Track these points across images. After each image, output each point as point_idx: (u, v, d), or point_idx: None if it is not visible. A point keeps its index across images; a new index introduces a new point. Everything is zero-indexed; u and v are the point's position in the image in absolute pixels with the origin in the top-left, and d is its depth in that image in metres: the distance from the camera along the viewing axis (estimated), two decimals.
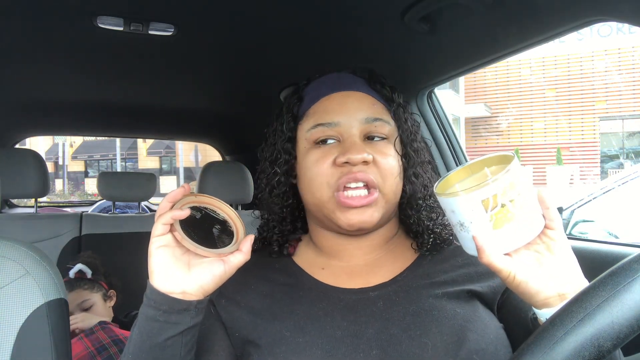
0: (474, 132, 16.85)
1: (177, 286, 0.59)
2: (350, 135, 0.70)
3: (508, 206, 0.53)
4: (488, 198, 0.53)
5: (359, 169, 0.68)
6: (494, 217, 0.54)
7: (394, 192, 0.71)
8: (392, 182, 0.71)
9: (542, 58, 15.27)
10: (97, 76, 1.70)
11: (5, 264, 0.91)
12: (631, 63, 14.51)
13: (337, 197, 0.69)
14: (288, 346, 0.64)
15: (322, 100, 0.74)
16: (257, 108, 2.11)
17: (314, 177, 0.70)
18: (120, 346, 1.56)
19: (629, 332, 0.41)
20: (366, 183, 0.68)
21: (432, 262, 0.73)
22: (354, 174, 0.67)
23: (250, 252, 0.62)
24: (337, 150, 0.70)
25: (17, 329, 0.88)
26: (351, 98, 0.74)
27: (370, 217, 0.69)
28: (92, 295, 1.80)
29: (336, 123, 0.71)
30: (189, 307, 0.59)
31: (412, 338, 0.63)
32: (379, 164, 0.69)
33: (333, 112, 0.72)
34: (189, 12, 1.14)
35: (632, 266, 0.43)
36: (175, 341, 0.59)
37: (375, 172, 0.69)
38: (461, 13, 0.98)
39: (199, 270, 0.60)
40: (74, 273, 1.82)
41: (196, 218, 0.61)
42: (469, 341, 0.62)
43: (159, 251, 0.59)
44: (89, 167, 23.30)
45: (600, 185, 2.88)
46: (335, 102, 0.73)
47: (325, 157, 0.70)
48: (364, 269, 0.74)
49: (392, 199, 0.71)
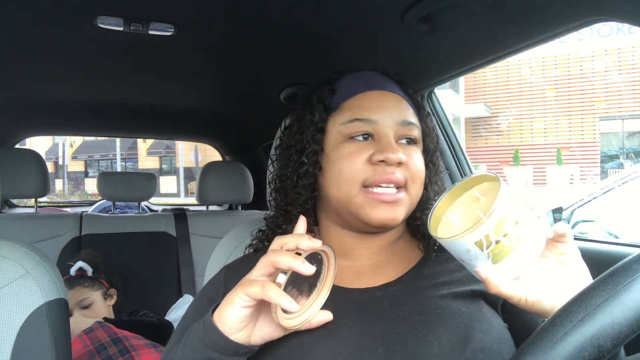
0: (474, 132, 16.85)
1: (243, 336, 0.59)
2: (386, 135, 0.71)
3: (503, 241, 0.52)
4: (481, 239, 0.52)
5: (392, 169, 0.68)
6: (491, 254, 0.53)
7: (417, 194, 0.73)
8: (419, 185, 0.72)
9: (542, 58, 15.27)
10: (97, 76, 1.70)
11: (5, 264, 0.91)
12: (631, 63, 14.51)
13: (365, 193, 0.69)
14: (293, 346, 0.64)
15: (359, 96, 0.74)
16: (257, 108, 2.11)
17: (344, 171, 0.70)
18: (119, 345, 1.56)
19: (629, 332, 0.41)
20: (397, 184, 0.69)
21: (437, 263, 0.73)
22: (388, 175, 0.68)
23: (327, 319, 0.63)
24: (372, 147, 0.70)
25: (17, 329, 0.88)
26: (388, 98, 0.74)
27: (398, 214, 0.70)
28: (92, 294, 1.80)
29: (373, 121, 0.71)
30: (250, 351, 0.60)
31: (418, 337, 0.63)
32: (410, 166, 0.70)
33: (370, 109, 0.72)
34: (189, 12, 1.14)
35: (632, 266, 0.43)
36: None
37: (406, 174, 0.70)
38: (461, 13, 0.98)
39: (265, 325, 0.61)
40: (75, 271, 1.82)
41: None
42: (474, 340, 0.63)
43: (243, 308, 0.57)
44: (89, 167, 23.29)
45: (600, 185, 2.88)
46: (373, 99, 0.73)
47: (360, 153, 0.70)
48: (370, 269, 0.74)
49: (415, 201, 0.73)
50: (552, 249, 0.57)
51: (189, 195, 17.69)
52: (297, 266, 0.55)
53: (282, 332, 0.62)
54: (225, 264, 0.83)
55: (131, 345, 1.54)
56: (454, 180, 1.54)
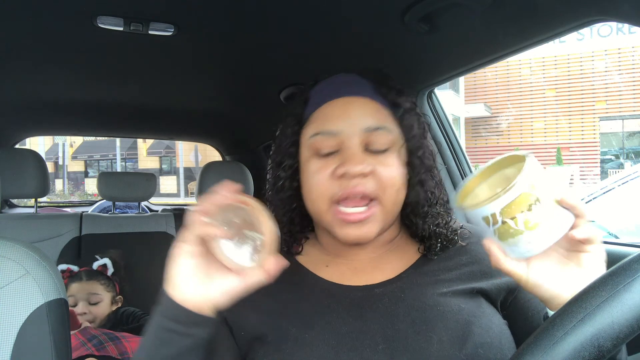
0: (474, 132, 16.85)
1: (195, 299, 0.56)
2: (350, 146, 0.68)
3: (509, 223, 0.52)
4: (487, 216, 0.53)
5: (357, 182, 0.66)
6: (497, 232, 0.54)
7: (393, 202, 0.69)
8: (393, 192, 0.69)
9: (542, 58, 15.28)
10: (97, 76, 1.70)
11: (5, 264, 0.91)
12: (631, 63, 14.51)
13: (334, 211, 0.67)
14: (295, 342, 0.64)
15: (325, 106, 0.72)
16: (257, 108, 2.11)
17: (313, 188, 0.69)
18: (109, 335, 1.59)
19: (629, 332, 0.41)
20: (365, 195, 0.66)
21: (437, 260, 0.73)
22: (350, 189, 0.66)
23: (272, 275, 0.58)
24: (336, 161, 0.68)
25: (17, 329, 0.88)
26: (354, 104, 0.71)
27: (368, 231, 0.68)
28: (104, 293, 1.82)
29: (336, 132, 0.68)
30: (205, 322, 0.57)
31: (418, 332, 0.63)
32: (378, 175, 0.67)
33: (334, 119, 0.69)
34: (189, 12, 1.14)
35: (632, 266, 0.43)
36: (189, 350, 0.57)
37: (375, 183, 0.67)
38: (461, 13, 0.98)
39: (217, 284, 0.57)
40: (98, 265, 1.84)
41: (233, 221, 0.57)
42: (474, 335, 0.63)
43: (181, 258, 0.56)
44: (89, 167, 23.30)
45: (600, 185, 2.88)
46: (337, 108, 0.71)
47: (324, 168, 0.68)
48: (369, 266, 0.74)
49: (391, 209, 0.70)
50: (573, 243, 0.55)
51: (189, 195, 17.70)
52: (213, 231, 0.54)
53: (242, 283, 0.57)
54: None
55: (121, 335, 1.61)
56: (454, 180, 1.54)
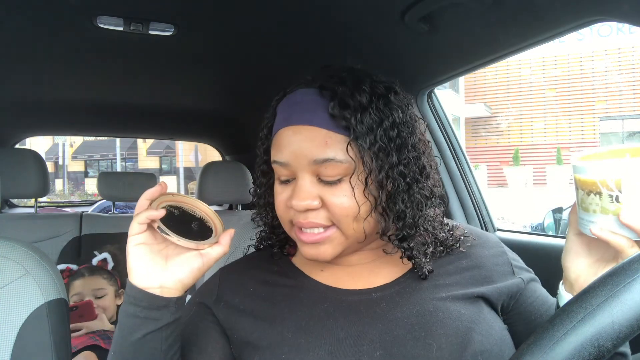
0: (474, 132, 16.86)
1: (156, 281, 0.60)
2: (299, 178, 0.65)
3: (606, 195, 0.56)
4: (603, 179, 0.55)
5: (305, 216, 0.65)
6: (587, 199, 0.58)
7: (354, 229, 0.66)
8: (349, 222, 0.65)
9: (542, 58, 15.28)
10: (97, 76, 1.70)
11: (5, 264, 0.91)
12: (631, 63, 14.51)
13: (296, 231, 0.68)
14: (290, 347, 0.63)
15: (278, 133, 0.69)
16: (257, 108, 2.10)
17: (277, 209, 0.70)
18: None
19: (629, 332, 0.41)
20: (318, 225, 0.66)
21: (436, 265, 0.71)
22: (302, 221, 0.66)
23: (229, 246, 0.64)
24: (289, 189, 0.68)
25: (17, 329, 0.88)
26: (302, 134, 0.65)
27: (324, 252, 0.67)
28: (108, 287, 1.83)
29: (286, 163, 0.66)
30: (168, 304, 0.60)
31: (417, 339, 0.62)
32: (330, 206, 0.64)
33: (284, 150, 0.67)
34: (189, 12, 1.14)
35: (632, 266, 0.43)
36: (155, 336, 0.60)
37: (326, 215, 0.65)
38: (461, 13, 0.98)
39: (176, 265, 0.62)
40: (98, 261, 1.85)
41: (174, 215, 0.63)
42: (474, 342, 0.62)
43: (137, 249, 0.60)
44: (89, 167, 23.29)
45: None
46: (287, 137, 0.66)
47: (282, 195, 0.68)
48: (365, 270, 0.73)
49: (353, 235, 0.66)
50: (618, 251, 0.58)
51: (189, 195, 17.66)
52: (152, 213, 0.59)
53: (202, 260, 0.62)
54: (225, 264, 0.83)
55: None
56: (454, 180, 1.54)
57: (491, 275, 0.71)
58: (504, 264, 0.73)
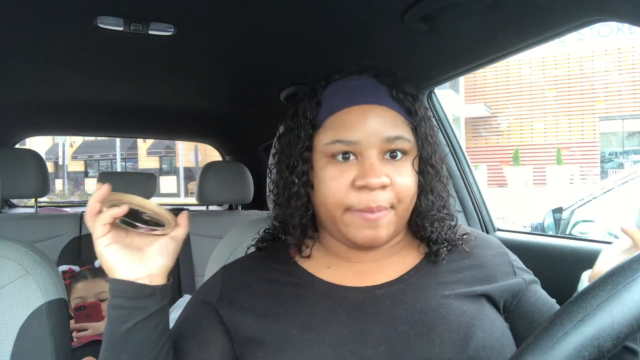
0: (474, 132, 16.86)
1: (143, 272, 0.62)
2: (369, 156, 0.67)
3: None
4: None
5: (376, 194, 0.66)
6: None
7: (407, 210, 0.70)
8: (408, 202, 0.69)
9: (542, 58, 15.28)
10: (97, 76, 1.70)
11: (5, 264, 0.91)
12: (631, 63, 14.52)
13: (351, 213, 0.67)
14: (295, 343, 0.64)
15: (341, 113, 0.69)
16: (257, 108, 2.11)
17: (330, 195, 0.68)
18: None
19: (629, 332, 0.41)
20: (381, 207, 0.66)
21: (439, 263, 0.73)
22: (371, 204, 0.65)
23: (187, 225, 0.68)
24: (355, 169, 0.67)
25: (17, 329, 0.88)
26: (372, 113, 0.68)
27: (382, 234, 0.67)
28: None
29: (355, 141, 0.67)
30: (154, 292, 0.62)
31: (420, 334, 0.63)
32: (396, 185, 0.67)
33: (352, 129, 0.68)
34: (189, 12, 1.14)
35: (632, 266, 0.43)
36: (144, 325, 0.61)
37: (392, 194, 0.67)
38: (461, 13, 0.98)
39: (155, 252, 0.64)
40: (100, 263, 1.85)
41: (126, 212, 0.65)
42: (476, 338, 0.63)
43: (109, 249, 0.62)
44: (89, 167, 23.29)
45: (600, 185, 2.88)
46: (354, 116, 0.68)
47: (343, 176, 0.67)
48: (370, 268, 0.73)
49: (404, 216, 0.70)
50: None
51: (189, 195, 17.69)
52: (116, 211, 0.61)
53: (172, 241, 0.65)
54: (225, 264, 0.83)
55: None
56: (454, 180, 1.54)
57: (493, 274, 0.72)
58: (505, 264, 0.74)
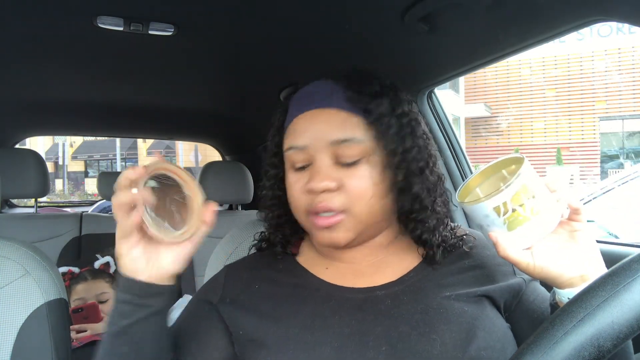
0: (474, 132, 16.85)
1: (157, 274, 0.61)
2: (317, 160, 0.68)
3: (518, 210, 0.59)
4: (499, 205, 0.59)
5: (323, 197, 0.67)
6: (507, 221, 0.59)
7: (367, 213, 0.68)
8: (364, 204, 0.67)
9: (542, 58, 15.27)
10: (97, 76, 1.70)
11: (5, 264, 0.91)
12: (631, 63, 14.51)
13: (310, 219, 0.70)
14: (297, 344, 0.64)
15: (296, 119, 0.71)
16: (257, 108, 2.11)
17: (291, 200, 0.72)
18: None
19: (629, 332, 0.41)
20: (330, 209, 0.67)
21: (440, 264, 0.73)
22: (317, 205, 0.67)
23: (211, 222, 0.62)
24: (307, 175, 0.69)
25: (17, 329, 0.88)
26: (320, 117, 0.69)
27: (337, 236, 0.68)
28: (110, 291, 1.82)
29: (304, 146, 0.69)
30: (163, 292, 0.62)
31: (421, 335, 0.63)
32: (347, 188, 0.67)
33: (302, 134, 0.69)
34: (189, 12, 1.14)
35: (632, 266, 0.43)
36: (146, 322, 0.61)
37: (342, 197, 0.67)
38: (461, 13, 0.98)
39: (170, 256, 0.62)
40: (100, 264, 1.84)
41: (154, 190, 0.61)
42: (477, 338, 0.63)
43: (130, 253, 0.60)
44: (89, 167, 23.29)
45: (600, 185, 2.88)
46: (304, 122, 0.70)
47: (298, 182, 0.70)
48: (369, 269, 0.74)
49: (365, 219, 0.68)
50: (565, 225, 0.62)
51: None
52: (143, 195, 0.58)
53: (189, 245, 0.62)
54: (225, 264, 0.83)
55: None
56: (454, 180, 1.54)
57: (493, 274, 0.72)
58: (505, 264, 0.74)
